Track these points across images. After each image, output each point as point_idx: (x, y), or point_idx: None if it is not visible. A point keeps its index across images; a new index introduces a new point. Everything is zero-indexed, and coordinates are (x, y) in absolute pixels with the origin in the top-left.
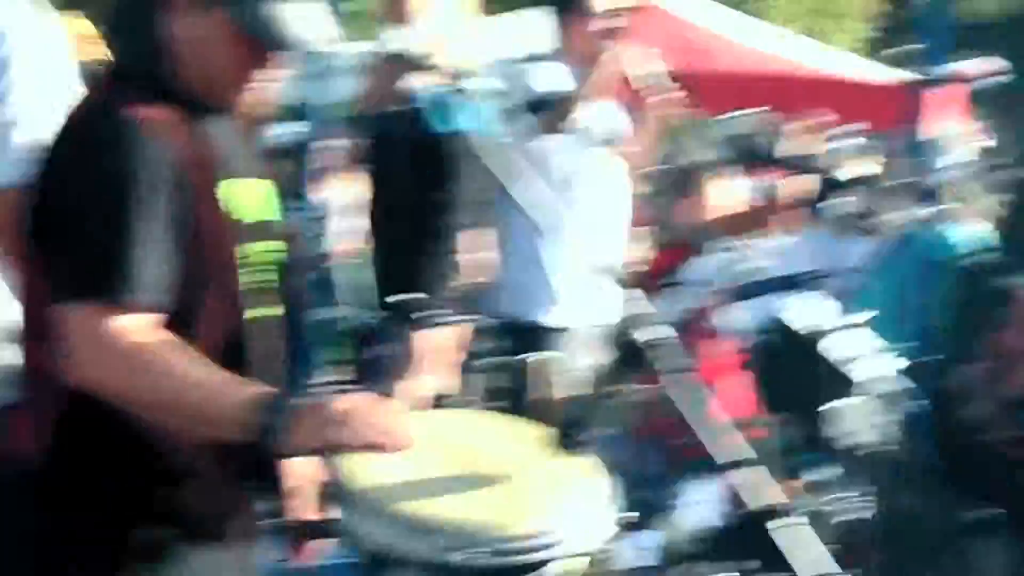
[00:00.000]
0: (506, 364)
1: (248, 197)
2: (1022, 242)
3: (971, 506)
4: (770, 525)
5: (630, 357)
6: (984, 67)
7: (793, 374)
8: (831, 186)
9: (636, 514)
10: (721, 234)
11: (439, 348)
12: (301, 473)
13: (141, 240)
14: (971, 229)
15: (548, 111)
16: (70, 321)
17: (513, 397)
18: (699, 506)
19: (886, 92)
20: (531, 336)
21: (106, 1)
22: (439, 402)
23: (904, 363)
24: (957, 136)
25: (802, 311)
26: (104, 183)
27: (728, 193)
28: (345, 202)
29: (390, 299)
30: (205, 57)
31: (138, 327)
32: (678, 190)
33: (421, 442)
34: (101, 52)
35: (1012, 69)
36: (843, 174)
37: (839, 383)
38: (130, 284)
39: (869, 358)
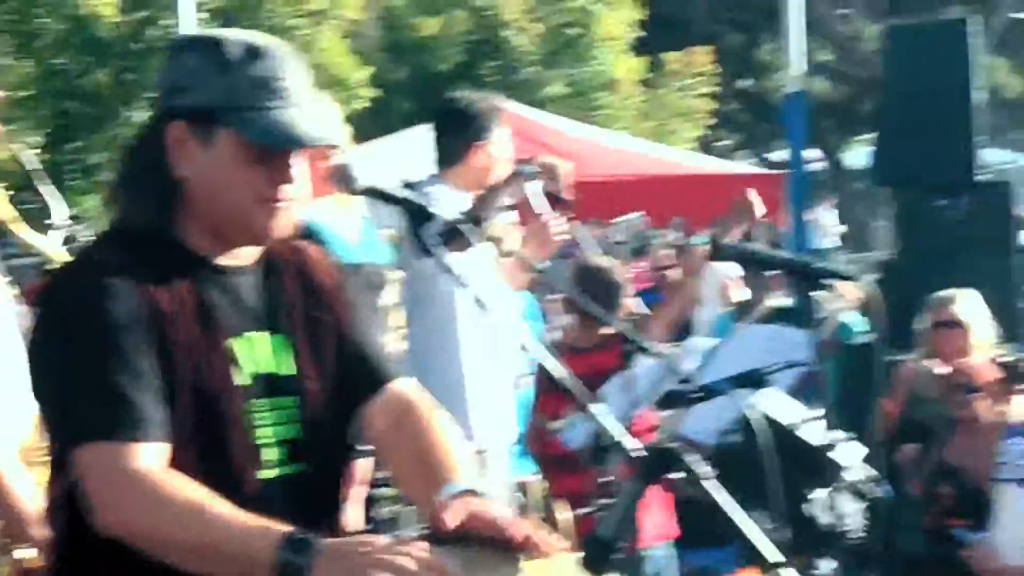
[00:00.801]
0: None
1: (265, 351)
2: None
3: None
4: None
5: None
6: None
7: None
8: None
9: None
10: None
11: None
12: None
13: (129, 377)
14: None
15: (452, 235)
16: (84, 466)
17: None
18: None
19: (748, 184)
20: None
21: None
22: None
23: (863, 450)
24: (824, 223)
25: (772, 405)
26: (68, 324)
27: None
28: None
29: None
30: (222, 187)
31: (151, 463)
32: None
33: None
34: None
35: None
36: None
37: (821, 473)
38: (129, 416)
39: (843, 446)
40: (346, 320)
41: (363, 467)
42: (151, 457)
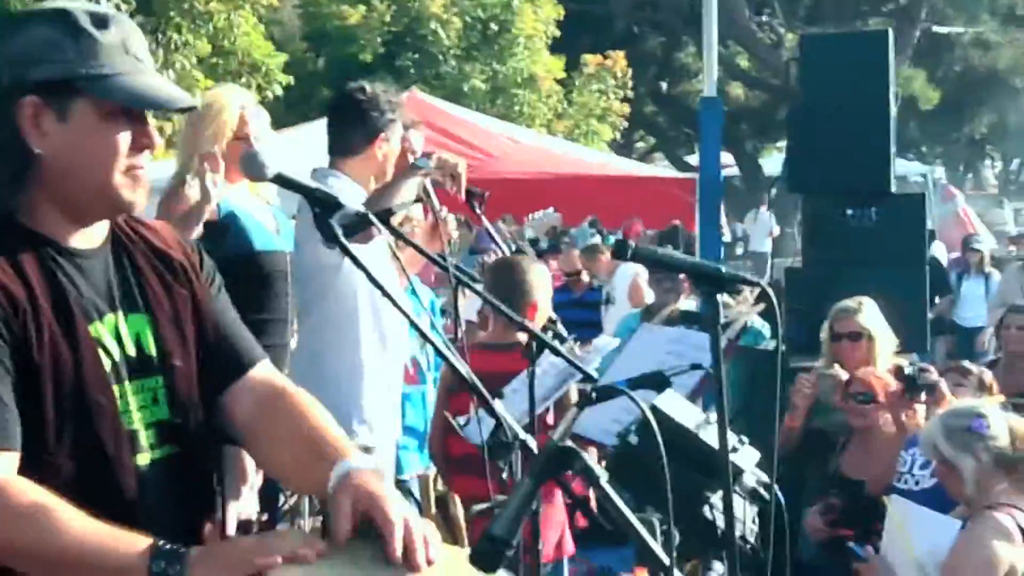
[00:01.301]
0: None
1: (126, 332)
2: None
3: None
4: None
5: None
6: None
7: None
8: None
9: None
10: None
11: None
12: None
13: None
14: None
15: (357, 226)
16: None
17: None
18: None
19: (661, 187)
20: None
21: None
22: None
23: (757, 455)
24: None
25: (672, 407)
26: None
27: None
28: None
29: None
30: (84, 159)
31: (5, 477)
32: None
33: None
34: None
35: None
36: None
37: (721, 476)
38: None
39: (740, 450)
40: (204, 298)
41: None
42: (3, 467)
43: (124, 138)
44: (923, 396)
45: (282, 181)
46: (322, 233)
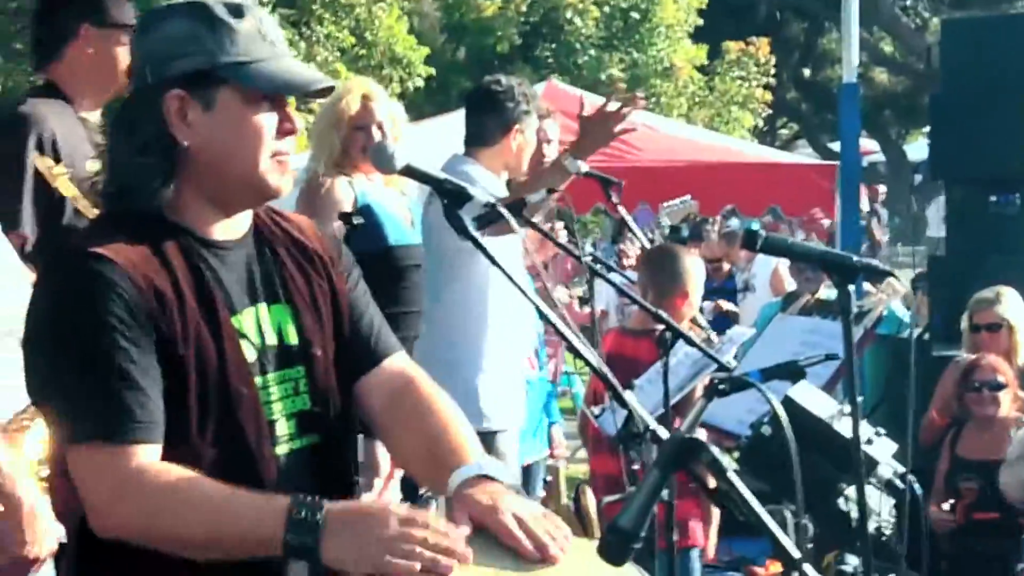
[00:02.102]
0: None
1: (268, 323)
2: (945, 317)
3: None
4: None
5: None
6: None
7: (808, 460)
8: None
9: None
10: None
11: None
12: None
13: (124, 375)
14: (898, 307)
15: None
16: (77, 468)
17: None
18: None
19: (801, 174)
20: None
21: None
22: None
23: (894, 446)
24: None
25: (806, 397)
26: (64, 319)
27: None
28: None
29: None
30: (231, 146)
31: (144, 464)
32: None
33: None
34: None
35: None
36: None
37: (854, 468)
38: (122, 418)
39: (875, 442)
40: (342, 289)
41: (383, 450)
42: (147, 457)
43: (269, 123)
44: None
45: (411, 172)
46: (451, 224)
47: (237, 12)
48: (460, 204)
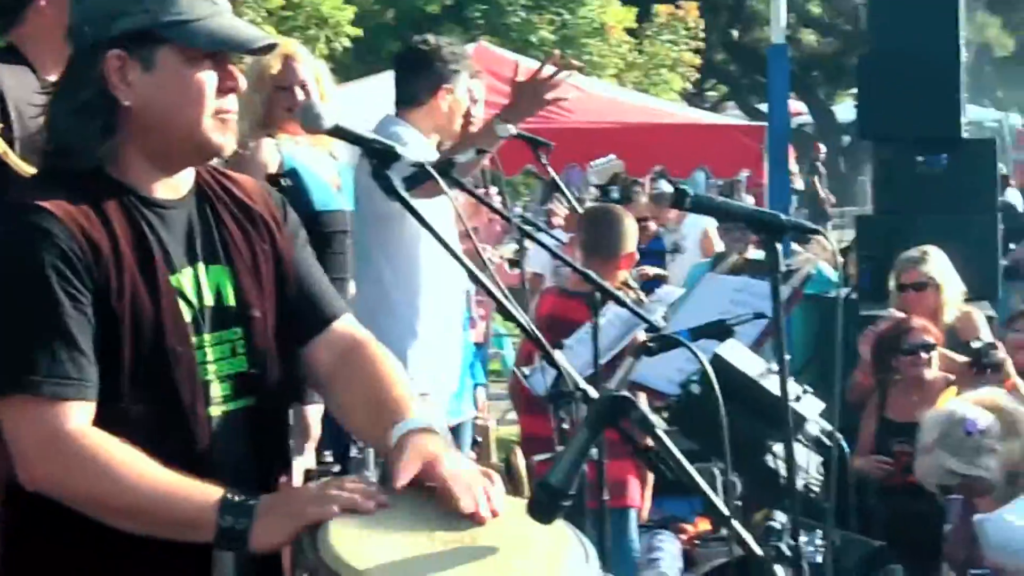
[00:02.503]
0: None
1: (206, 283)
2: (873, 276)
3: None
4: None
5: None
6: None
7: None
8: None
9: None
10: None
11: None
12: None
13: (60, 329)
14: (826, 267)
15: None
16: (7, 419)
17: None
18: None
19: (729, 136)
20: None
21: None
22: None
23: (821, 404)
24: (794, 177)
25: (735, 355)
26: (2, 273)
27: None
28: None
29: None
30: (173, 106)
31: (78, 422)
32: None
33: (403, 519)
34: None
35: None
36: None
37: (782, 425)
38: (58, 372)
39: (803, 399)
40: (286, 250)
41: (314, 415)
42: (79, 416)
43: (211, 81)
44: (988, 373)
45: (339, 133)
46: (379, 184)
47: None
48: (388, 164)
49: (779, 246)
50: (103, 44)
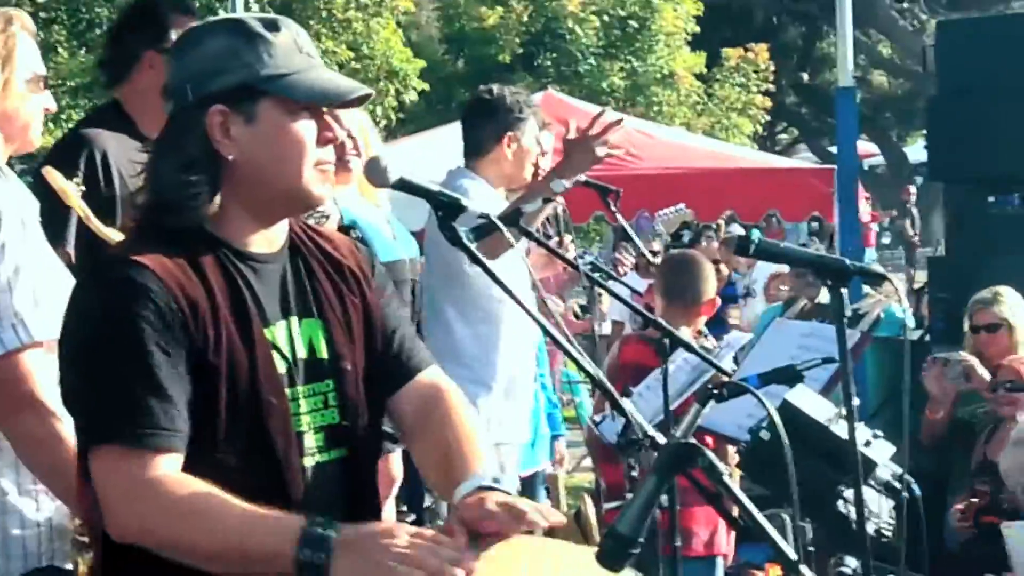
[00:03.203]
0: None
1: (299, 337)
2: (946, 318)
3: None
4: None
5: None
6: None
7: (806, 464)
8: None
9: None
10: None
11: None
12: None
13: (152, 382)
14: (897, 309)
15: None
16: (96, 470)
17: None
18: None
19: (799, 179)
20: None
21: None
22: None
23: (892, 448)
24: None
25: (804, 401)
26: (97, 323)
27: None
28: None
29: None
30: (275, 158)
31: (163, 471)
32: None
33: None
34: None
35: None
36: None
37: (853, 471)
38: (146, 423)
39: (873, 444)
40: (375, 304)
41: (395, 462)
42: (166, 466)
43: (310, 133)
44: None
45: (405, 186)
46: (445, 236)
47: (273, 26)
48: (454, 216)
49: (844, 291)
50: (206, 100)
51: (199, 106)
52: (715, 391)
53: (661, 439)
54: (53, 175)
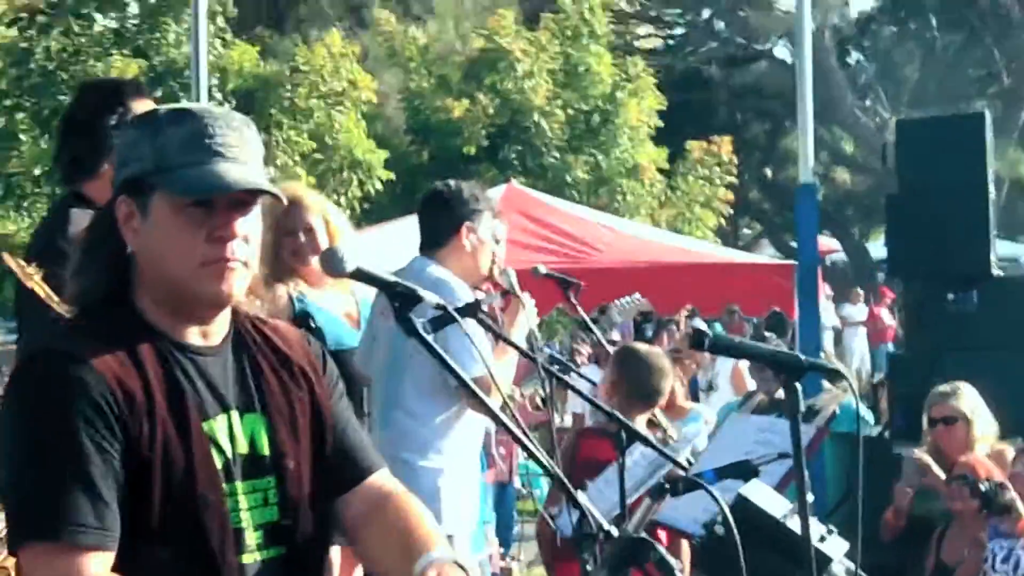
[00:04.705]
0: None
1: (240, 431)
2: (904, 414)
3: None
4: None
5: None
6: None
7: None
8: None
9: None
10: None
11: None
12: None
13: (84, 478)
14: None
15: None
16: (26, 566)
17: None
18: None
19: (760, 274)
20: None
21: None
22: None
23: (846, 544)
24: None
25: (759, 496)
26: (31, 417)
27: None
28: None
29: None
30: (164, 254)
31: (90, 571)
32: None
33: None
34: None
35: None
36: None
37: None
38: (76, 520)
39: (828, 539)
40: (324, 402)
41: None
42: (96, 565)
43: (196, 230)
44: (997, 514)
45: (361, 276)
46: (402, 327)
47: (177, 118)
48: (411, 307)
49: (799, 386)
50: (118, 191)
51: (115, 196)
52: (668, 485)
53: (615, 532)
54: (8, 259)
